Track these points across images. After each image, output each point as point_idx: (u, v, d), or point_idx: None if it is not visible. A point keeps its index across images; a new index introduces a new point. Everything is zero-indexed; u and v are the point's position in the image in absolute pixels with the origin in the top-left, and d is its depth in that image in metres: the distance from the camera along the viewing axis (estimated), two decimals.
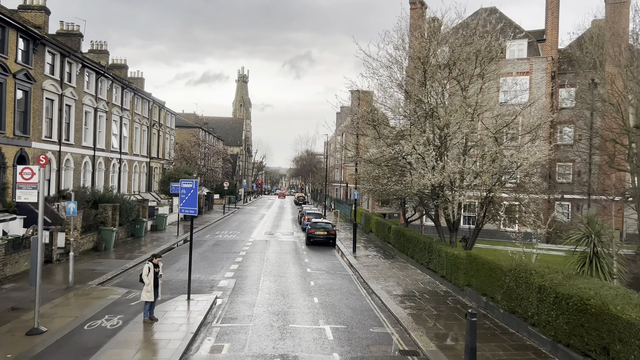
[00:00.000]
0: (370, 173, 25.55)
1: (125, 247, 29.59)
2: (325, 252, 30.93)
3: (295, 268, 24.61)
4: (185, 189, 17.44)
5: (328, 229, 33.35)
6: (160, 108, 57.32)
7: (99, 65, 40.32)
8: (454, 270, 19.79)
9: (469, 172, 19.74)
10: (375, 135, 24.61)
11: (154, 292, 14.52)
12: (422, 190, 22.41)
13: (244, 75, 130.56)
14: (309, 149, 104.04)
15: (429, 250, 23.10)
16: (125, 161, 46.61)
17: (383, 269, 24.77)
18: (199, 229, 41.75)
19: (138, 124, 50.22)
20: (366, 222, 39.85)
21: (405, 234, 27.67)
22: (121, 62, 54.15)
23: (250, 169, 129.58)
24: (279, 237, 37.83)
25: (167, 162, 59.78)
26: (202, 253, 28.62)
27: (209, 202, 64.52)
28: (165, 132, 60.47)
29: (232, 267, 24.14)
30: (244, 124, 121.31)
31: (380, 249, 32.23)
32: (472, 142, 22.70)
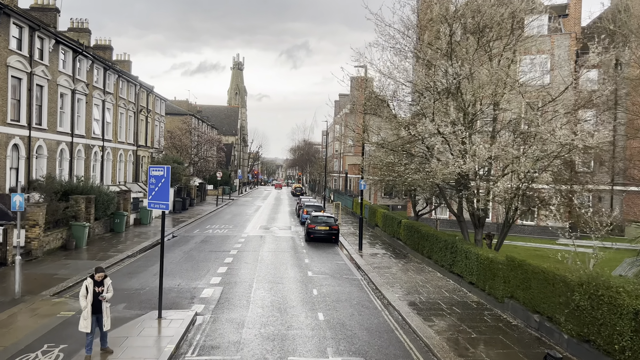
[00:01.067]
0: (383, 160, 21.65)
1: (100, 245, 25.78)
2: (327, 250, 27.21)
3: (294, 271, 20.86)
4: (155, 178, 13.65)
5: (330, 223, 29.60)
6: (149, 93, 53.25)
7: (77, 43, 36.21)
8: (489, 277, 16.09)
9: (506, 157, 15.97)
10: (389, 114, 20.73)
11: (96, 320, 10.60)
12: (447, 180, 18.65)
13: (239, 63, 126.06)
14: (307, 139, 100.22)
15: (453, 251, 19.38)
16: (108, 149, 42.66)
17: (396, 272, 21.05)
18: (188, 222, 37.95)
19: (123, 109, 46.18)
20: (371, 215, 36.14)
21: (420, 230, 23.94)
22: (105, 43, 50.08)
23: (246, 159, 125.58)
24: (275, 232, 34.07)
25: (157, 150, 55.81)
26: (187, 252, 24.83)
27: (201, 193, 60.65)
28: (155, 119, 56.44)
29: (220, 271, 20.37)
30: (239, 112, 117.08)
31: (389, 247, 28.49)
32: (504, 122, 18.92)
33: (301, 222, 39.01)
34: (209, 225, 36.51)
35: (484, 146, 15.99)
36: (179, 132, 58.40)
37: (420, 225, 24.82)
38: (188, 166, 56.53)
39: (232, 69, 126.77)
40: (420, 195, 30.27)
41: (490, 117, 18.75)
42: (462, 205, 20.33)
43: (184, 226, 35.87)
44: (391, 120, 20.24)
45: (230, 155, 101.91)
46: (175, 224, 36.64)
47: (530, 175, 16.12)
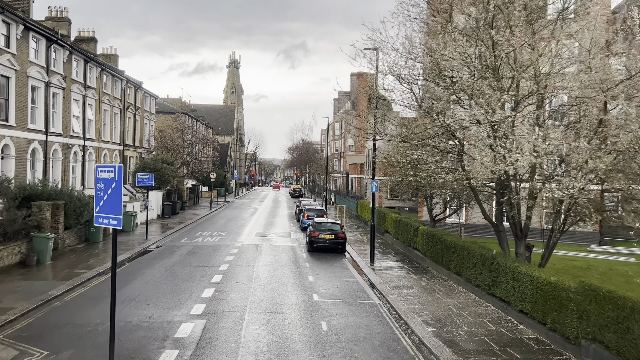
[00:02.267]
0: (408, 156, 17.54)
1: (68, 260, 21.83)
2: (333, 262, 23.30)
3: (297, 293, 16.94)
4: (104, 182, 9.69)
5: (336, 231, 25.67)
6: (137, 89, 49.28)
7: (51, 31, 32.25)
8: (553, 308, 12.23)
9: (578, 152, 12.09)
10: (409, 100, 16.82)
11: None
12: (486, 181, 14.78)
13: (235, 61, 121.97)
14: (306, 138, 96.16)
15: (493, 269, 15.51)
16: (90, 149, 38.74)
17: (421, 294, 17.16)
18: (177, 229, 33.99)
19: (108, 105, 42.24)
20: (380, 220, 32.25)
21: (444, 240, 20.05)
22: (89, 35, 46.20)
23: (242, 160, 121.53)
24: (273, 239, 30.13)
25: (147, 150, 51.88)
26: (170, 268, 20.88)
27: (194, 196, 56.66)
28: (144, 117, 52.48)
29: (206, 294, 16.44)
30: (235, 111, 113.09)
31: (404, 258, 24.57)
32: (552, 107, 15.07)
33: (302, 227, 35.10)
34: (199, 233, 32.56)
35: (547, 138, 12.10)
36: (170, 131, 54.44)
37: (443, 234, 20.92)
38: (180, 167, 52.58)
39: (228, 67, 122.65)
40: (438, 197, 26.45)
41: (537, 101, 14.88)
42: (501, 211, 16.45)
43: (171, 234, 31.92)
44: (418, 106, 16.19)
45: (226, 156, 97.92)
46: (162, 231, 32.69)
47: (606, 174, 12.24)
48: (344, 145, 74.96)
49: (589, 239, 31.30)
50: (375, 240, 29.94)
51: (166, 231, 32.91)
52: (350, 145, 74.39)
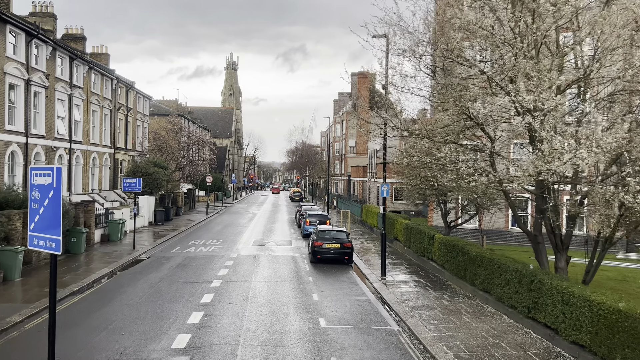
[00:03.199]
0: (431, 154, 14.70)
1: (41, 276, 19.24)
2: (340, 275, 20.71)
3: (300, 318, 14.34)
4: (40, 190, 7.12)
5: (341, 240, 23.04)
6: (129, 89, 46.75)
7: (32, 25, 29.75)
8: (624, 343, 9.66)
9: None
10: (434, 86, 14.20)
11: None
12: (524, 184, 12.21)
13: (233, 62, 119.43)
14: (305, 140, 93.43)
15: (534, 288, 12.92)
16: (78, 152, 36.21)
17: (445, 317, 14.56)
18: (169, 237, 31.39)
19: (97, 105, 39.72)
20: (388, 226, 29.65)
21: (467, 250, 17.47)
22: (77, 32, 43.67)
23: (241, 163, 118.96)
24: (273, 249, 27.52)
25: (140, 153, 49.31)
26: (155, 285, 18.27)
27: (190, 201, 54.05)
28: (136, 119, 49.93)
29: (192, 320, 13.83)
30: (233, 114, 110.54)
31: (419, 270, 21.93)
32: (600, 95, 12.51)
33: (303, 234, 32.51)
34: (192, 241, 29.95)
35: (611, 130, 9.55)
36: (165, 133, 51.86)
37: (465, 244, 18.33)
38: (174, 171, 50.02)
39: (225, 69, 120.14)
40: (454, 202, 23.90)
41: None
42: (541, 219, 13.87)
43: (162, 243, 29.32)
44: (450, 89, 13.43)
45: (224, 159, 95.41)
46: (152, 240, 30.10)
47: None
48: (345, 147, 72.43)
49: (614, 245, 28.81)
50: None
51: (157, 240, 30.31)
52: (352, 147, 71.85)
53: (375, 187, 49.32)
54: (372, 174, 50.44)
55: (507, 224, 31.00)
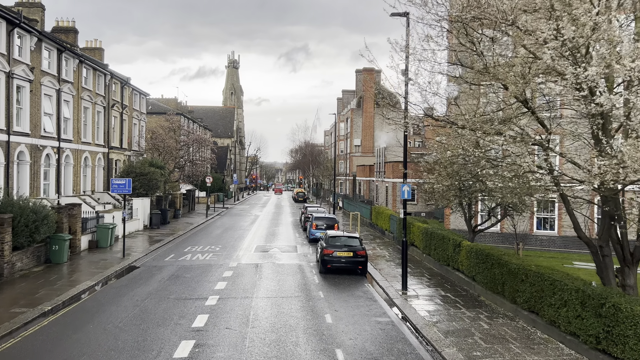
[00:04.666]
0: (479, 147, 11.67)
1: (13, 290, 16.60)
2: (354, 289, 18.00)
3: (311, 349, 11.60)
4: None
5: (354, 247, 20.31)
6: (124, 85, 44.12)
7: (14, 13, 27.17)
8: None
9: None
10: None
11: None
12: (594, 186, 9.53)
13: (234, 61, 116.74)
14: (309, 139, 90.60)
15: (605, 314, 10.21)
16: (67, 151, 33.60)
17: (489, 346, 11.83)
18: (165, 242, 28.74)
19: (89, 102, 37.11)
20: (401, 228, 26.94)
21: (505, 262, 14.75)
22: (68, 25, 41.08)
23: (243, 163, 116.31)
24: (277, 255, 24.84)
25: (136, 153, 46.69)
26: (141, 302, 15.57)
27: (189, 202, 51.40)
28: (132, 116, 47.30)
29: (179, 354, 11.12)
30: (235, 113, 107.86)
31: (443, 282, 19.18)
32: None
33: (309, 239, 29.84)
34: (189, 247, 27.29)
35: None
36: (162, 132, 49.20)
37: (501, 254, 15.61)
38: (173, 171, 47.38)
39: (227, 67, 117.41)
40: (480, 204, 21.20)
41: None
42: (609, 227, 11.16)
43: (156, 249, 26.68)
44: None
45: (226, 159, 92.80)
46: (146, 246, 27.47)
47: None
48: (350, 145, 69.73)
49: None
50: (396, 254, 24.72)
51: (151, 245, 27.67)
52: (357, 146, 69.15)
53: (384, 187, 46.64)
54: (380, 174, 47.76)
55: (532, 227, 28.28)
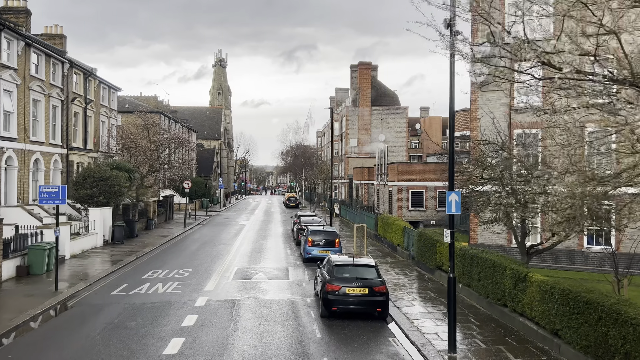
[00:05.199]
0: None
1: None
2: (374, 348, 12.04)
3: None
4: None
5: (370, 281, 14.12)
6: (88, 77, 37.93)
7: None
8: None
9: None
10: None
11: None
12: None
13: (221, 59, 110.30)
14: (301, 140, 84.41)
15: None
16: (10, 152, 27.55)
17: None
18: (121, 265, 22.58)
19: (40, 94, 31.01)
20: (423, 247, 20.94)
21: (619, 312, 8.89)
22: (18, 5, 34.97)
23: (231, 166, 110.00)
24: (262, 285, 18.74)
25: (105, 155, 40.44)
26: None
27: (167, 210, 45.13)
28: (100, 113, 41.11)
29: None
30: (222, 114, 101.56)
31: (502, 332, 13.05)
32: None
33: (304, 258, 23.81)
34: (151, 272, 21.13)
35: None
36: (134, 130, 43.00)
37: (615, 303, 9.71)
38: (146, 175, 41.16)
39: (213, 66, 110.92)
40: (537, 217, 15.35)
41: None
42: None
43: (109, 274, 20.56)
44: None
45: (212, 162, 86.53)
46: (98, 269, 21.31)
47: None
48: (346, 146, 63.78)
49: None
50: (413, 280, 18.83)
51: (104, 269, 21.53)
52: (353, 147, 63.23)
53: (387, 191, 40.78)
54: (382, 176, 41.92)
55: (582, 242, 22.49)
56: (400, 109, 64.54)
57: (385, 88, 66.77)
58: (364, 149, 62.50)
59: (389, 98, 65.53)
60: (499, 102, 24.02)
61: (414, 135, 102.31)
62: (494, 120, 19.33)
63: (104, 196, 29.23)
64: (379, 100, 64.27)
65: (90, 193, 28.89)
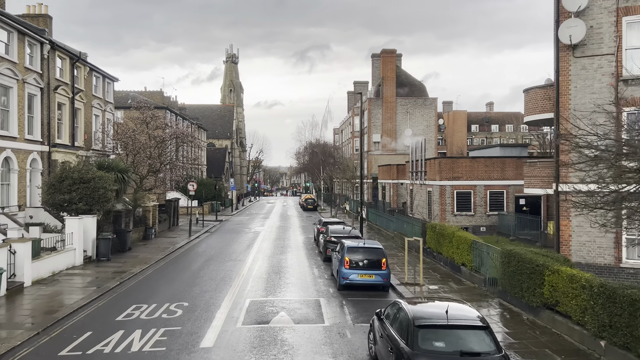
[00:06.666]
0: None
1: None
2: None
3: None
4: None
5: (484, 356, 8.02)
6: (76, 62, 32.06)
7: None
8: None
9: None
10: None
11: None
12: None
13: (232, 55, 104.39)
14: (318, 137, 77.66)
15: None
16: None
17: None
18: (95, 297, 16.47)
19: (11, 78, 25.36)
20: (514, 273, 14.51)
21: None
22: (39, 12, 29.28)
23: (244, 167, 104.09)
24: (286, 338, 12.39)
25: (99, 153, 34.60)
26: None
27: (170, 216, 39.10)
28: (92, 105, 35.24)
29: None
30: (234, 112, 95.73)
31: None
32: None
33: (339, 284, 17.43)
34: (132, 309, 14.96)
35: None
36: (132, 125, 37.06)
37: None
38: (146, 176, 35.18)
39: (225, 62, 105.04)
40: None
41: None
42: None
43: (76, 311, 14.49)
44: None
45: (224, 162, 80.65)
46: (66, 300, 15.20)
47: None
48: (369, 142, 57.34)
49: None
50: (528, 334, 12.34)
51: (69, 302, 15.44)
52: (376, 143, 56.78)
53: (424, 192, 34.38)
54: (418, 175, 35.51)
55: None
56: (428, 100, 57.95)
57: (411, 78, 60.21)
58: (389, 144, 56.08)
59: (416, 89, 58.97)
60: (600, 72, 17.62)
61: (437, 132, 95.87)
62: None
63: (85, 202, 23.23)
64: (405, 91, 57.78)
65: (68, 198, 22.91)
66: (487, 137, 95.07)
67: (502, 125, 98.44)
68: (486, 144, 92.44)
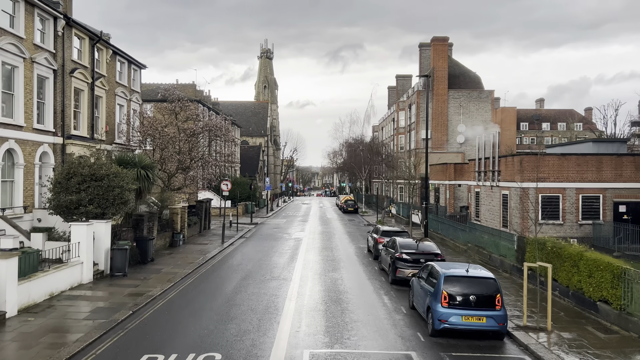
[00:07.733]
0: None
1: None
2: None
3: None
4: None
5: None
6: (96, 43, 27.83)
7: None
8: None
9: None
10: None
11: None
12: None
13: (267, 50, 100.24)
14: (360, 133, 72.03)
15: None
16: None
17: None
18: (100, 334, 11.77)
19: (17, 57, 21.14)
20: None
21: None
22: None
23: (278, 166, 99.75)
24: None
25: (123, 147, 30.34)
26: None
27: (201, 219, 34.53)
28: (116, 94, 31.00)
29: None
30: (269, 109, 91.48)
31: None
32: None
33: (434, 327, 12.13)
34: (146, 352, 10.19)
35: None
36: (161, 117, 32.74)
37: None
38: (175, 174, 30.75)
39: (259, 58, 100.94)
40: None
41: None
42: None
43: (70, 359, 9.75)
44: None
45: (258, 161, 76.39)
46: (47, 346, 10.51)
47: None
48: (417, 139, 51.80)
49: None
50: None
51: (52, 350, 10.75)
52: (425, 139, 51.11)
53: (498, 195, 28.78)
54: (489, 175, 29.97)
55: None
56: (483, 92, 52.00)
57: (464, 68, 54.37)
58: (440, 141, 50.48)
59: (469, 80, 53.11)
60: None
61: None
62: None
63: (97, 204, 18.71)
64: (457, 82, 52.02)
65: (77, 199, 18.41)
66: (538, 135, 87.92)
67: (554, 123, 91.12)
68: (536, 142, 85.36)
